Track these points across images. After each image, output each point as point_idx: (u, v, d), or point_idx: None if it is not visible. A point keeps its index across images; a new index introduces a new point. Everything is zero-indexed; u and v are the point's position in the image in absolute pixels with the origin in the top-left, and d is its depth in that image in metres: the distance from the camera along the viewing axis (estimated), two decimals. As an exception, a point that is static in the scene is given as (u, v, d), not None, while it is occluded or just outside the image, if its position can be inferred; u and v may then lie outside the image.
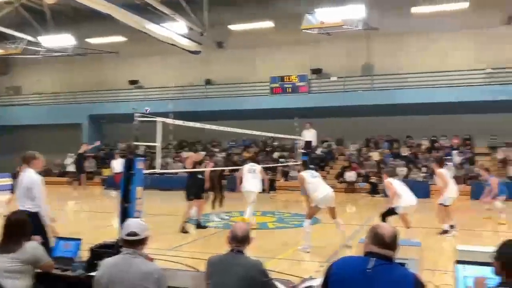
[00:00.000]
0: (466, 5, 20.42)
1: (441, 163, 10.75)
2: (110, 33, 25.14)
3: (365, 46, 23.75)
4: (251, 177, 10.72)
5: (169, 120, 8.68)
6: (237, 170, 12.59)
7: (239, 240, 3.22)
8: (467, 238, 9.35)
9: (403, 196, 8.54)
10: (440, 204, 10.12)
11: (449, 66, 21.46)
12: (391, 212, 8.67)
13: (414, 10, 21.31)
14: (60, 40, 24.31)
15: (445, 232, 9.71)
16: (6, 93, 31.11)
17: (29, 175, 5.38)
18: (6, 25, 23.58)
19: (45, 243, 4.76)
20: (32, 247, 3.76)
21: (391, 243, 2.62)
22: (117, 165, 18.71)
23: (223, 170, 12.07)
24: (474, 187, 16.90)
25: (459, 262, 3.25)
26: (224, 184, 12.33)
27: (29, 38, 24.74)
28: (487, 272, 2.98)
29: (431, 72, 21.62)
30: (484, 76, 21.23)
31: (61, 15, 24.95)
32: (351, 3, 19.72)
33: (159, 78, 26.26)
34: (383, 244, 2.61)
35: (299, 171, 10.14)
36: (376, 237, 2.65)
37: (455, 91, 20.82)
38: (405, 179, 19.74)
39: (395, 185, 8.69)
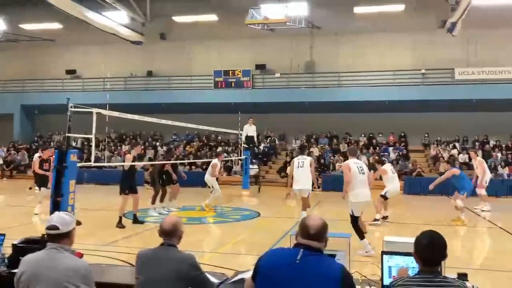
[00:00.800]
0: (401, 7, 21.33)
1: (382, 161, 11.67)
2: (46, 19, 23.95)
3: (308, 44, 24.18)
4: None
5: (105, 112, 8.42)
6: (176, 164, 12.38)
7: (168, 233, 3.16)
8: (399, 230, 9.77)
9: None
10: (382, 196, 10.51)
11: (387, 66, 22.34)
12: None
13: (357, 10, 21.96)
14: (-12, 25, 22.86)
15: (375, 220, 10.06)
16: None
17: None
18: None
19: None
20: None
21: (317, 235, 2.65)
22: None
23: (163, 165, 11.74)
24: (407, 182, 17.78)
25: (385, 252, 3.38)
26: (165, 178, 11.93)
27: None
28: (410, 262, 3.12)
29: (370, 71, 22.43)
30: (419, 76, 22.26)
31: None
32: (295, 1, 20.05)
33: (99, 69, 25.35)
34: (309, 235, 2.64)
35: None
36: (303, 229, 2.69)
37: (392, 90, 21.73)
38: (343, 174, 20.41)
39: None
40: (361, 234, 6.87)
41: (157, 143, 24.77)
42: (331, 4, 22.17)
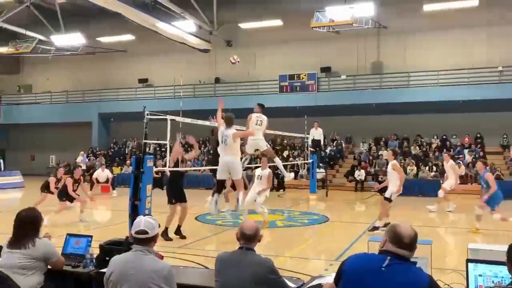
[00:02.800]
0: (475, 2, 20.26)
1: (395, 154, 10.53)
2: (119, 31, 25.29)
3: (375, 44, 23.62)
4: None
5: (179, 118, 8.72)
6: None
7: (248, 238, 3.22)
8: (484, 238, 9.25)
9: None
10: (386, 198, 9.76)
11: (459, 64, 21.28)
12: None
13: (426, 7, 21.16)
14: (70, 39, 24.52)
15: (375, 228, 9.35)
16: (17, 92, 31.42)
17: None
18: (17, 24, 23.82)
19: None
20: (44, 243, 3.79)
21: (410, 244, 2.57)
22: (102, 176, 18.36)
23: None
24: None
25: (470, 260, 3.22)
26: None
27: (40, 37, 24.98)
28: (498, 271, 2.96)
29: (440, 70, 21.48)
30: (495, 74, 21.01)
31: (71, 14, 25.13)
32: (361, 1, 19.68)
33: (168, 77, 26.32)
34: (402, 244, 2.56)
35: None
36: (395, 237, 2.59)
37: (466, 89, 20.66)
38: (415, 178, 19.71)
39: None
40: None
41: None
42: (398, 2, 21.53)
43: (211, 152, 18.43)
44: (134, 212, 6.88)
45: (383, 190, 9.99)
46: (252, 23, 24.04)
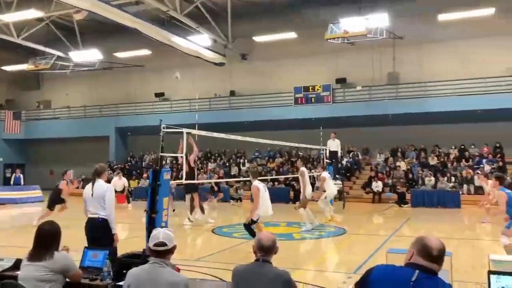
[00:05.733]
0: (491, 11, 20.07)
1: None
2: (136, 47, 25.66)
3: (390, 55, 23.53)
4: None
5: (195, 131, 8.78)
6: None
7: (265, 250, 3.20)
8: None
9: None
10: None
11: (476, 73, 21.03)
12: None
13: (441, 17, 21.04)
14: (88, 55, 24.96)
15: None
16: (37, 107, 32.03)
17: (102, 185, 5.71)
18: (36, 41, 24.36)
19: (113, 249, 5.16)
20: (63, 256, 3.83)
21: (439, 257, 2.52)
22: (119, 184, 17.53)
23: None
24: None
25: (492, 272, 3.15)
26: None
27: (59, 53, 25.49)
28: (523, 283, 2.88)
29: (457, 79, 21.25)
30: (512, 83, 20.70)
31: (88, 30, 25.62)
32: (375, 12, 19.66)
33: (185, 91, 26.58)
34: (431, 257, 2.51)
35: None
36: (424, 249, 2.53)
37: (482, 98, 20.36)
38: (434, 189, 19.44)
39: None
40: None
41: (240, 160, 25.32)
42: (413, 13, 21.45)
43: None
44: (151, 224, 6.90)
45: None
46: (266, 36, 24.20)
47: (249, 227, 8.63)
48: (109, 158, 28.21)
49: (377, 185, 20.32)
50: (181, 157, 9.16)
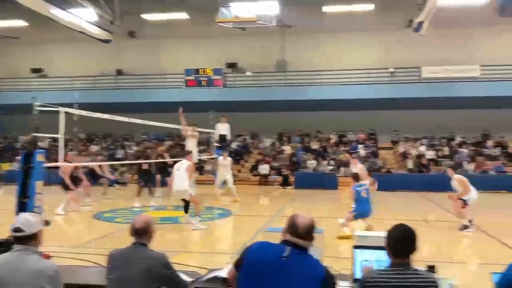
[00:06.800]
0: (371, 7, 21.67)
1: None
2: (10, 16, 23.17)
3: (280, 42, 24.28)
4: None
5: (74, 111, 8.22)
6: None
7: (138, 232, 3.12)
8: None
9: None
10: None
11: (357, 64, 22.64)
12: None
13: (325, 9, 22.18)
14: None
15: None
16: None
17: None
18: None
19: None
20: None
21: (305, 233, 2.65)
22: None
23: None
24: (377, 179, 18.05)
25: (356, 247, 3.42)
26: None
27: None
28: (381, 255, 3.17)
29: (341, 70, 22.68)
30: (387, 75, 22.66)
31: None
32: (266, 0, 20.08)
33: (67, 67, 24.75)
34: (298, 233, 2.64)
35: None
36: (292, 227, 2.68)
37: (362, 89, 22.03)
38: (315, 171, 20.64)
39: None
40: None
41: (127, 143, 24.44)
42: (300, 3, 22.30)
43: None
44: (22, 210, 6.33)
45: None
46: (156, 14, 23.43)
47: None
48: (-23, 138, 25.41)
49: (264, 168, 21.01)
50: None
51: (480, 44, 22.24)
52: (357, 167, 12.45)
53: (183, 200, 9.66)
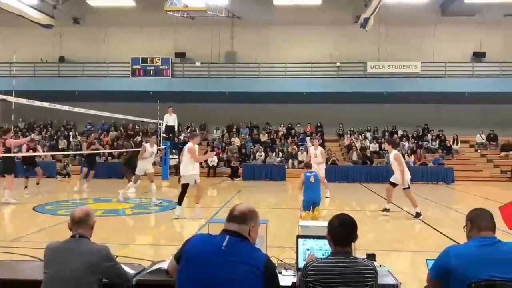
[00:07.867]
0: (319, 1, 22.02)
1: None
2: None
3: (229, 33, 24.18)
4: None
5: (11, 98, 7.82)
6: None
7: (79, 222, 3.02)
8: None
9: None
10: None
11: (306, 58, 22.98)
12: None
13: (276, 2, 22.29)
14: None
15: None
16: None
17: None
18: None
19: None
20: None
21: (240, 217, 2.65)
22: None
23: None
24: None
25: (300, 236, 3.49)
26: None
27: None
28: (323, 244, 3.26)
29: (289, 63, 22.95)
30: (334, 69, 23.16)
31: None
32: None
33: (4, 53, 23.38)
34: (233, 219, 2.66)
35: None
36: (229, 214, 2.71)
37: (309, 82, 22.42)
38: (263, 163, 20.83)
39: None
40: None
41: (71, 133, 23.56)
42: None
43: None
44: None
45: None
46: (101, 0, 22.62)
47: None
48: None
49: (212, 160, 20.92)
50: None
51: (422, 41, 23.20)
52: (317, 150, 13.00)
53: (183, 186, 9.48)
